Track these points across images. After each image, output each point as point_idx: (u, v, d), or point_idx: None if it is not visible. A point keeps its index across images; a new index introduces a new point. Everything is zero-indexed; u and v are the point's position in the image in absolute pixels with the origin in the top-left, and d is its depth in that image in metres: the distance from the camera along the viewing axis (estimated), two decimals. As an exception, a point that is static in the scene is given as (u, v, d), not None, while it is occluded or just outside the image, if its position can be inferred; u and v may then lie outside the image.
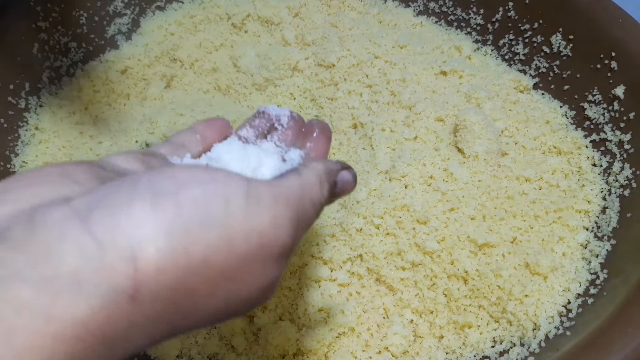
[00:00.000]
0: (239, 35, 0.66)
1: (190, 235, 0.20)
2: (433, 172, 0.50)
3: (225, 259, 0.21)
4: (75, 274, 0.18)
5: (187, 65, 0.64)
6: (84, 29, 0.63)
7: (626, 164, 0.49)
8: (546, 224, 0.48)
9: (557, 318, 0.43)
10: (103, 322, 0.18)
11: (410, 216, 0.47)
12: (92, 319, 0.18)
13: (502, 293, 0.44)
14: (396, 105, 0.57)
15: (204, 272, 0.20)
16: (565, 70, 0.58)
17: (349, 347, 0.44)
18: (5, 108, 0.54)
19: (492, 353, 0.44)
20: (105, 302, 0.18)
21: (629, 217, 0.47)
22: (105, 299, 0.18)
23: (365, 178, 0.53)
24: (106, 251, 0.18)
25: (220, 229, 0.20)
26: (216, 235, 0.20)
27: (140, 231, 0.19)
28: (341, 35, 0.63)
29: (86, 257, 0.18)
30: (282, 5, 0.66)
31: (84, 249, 0.18)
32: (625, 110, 0.51)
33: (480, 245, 0.45)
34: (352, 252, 0.47)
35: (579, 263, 0.46)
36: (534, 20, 0.60)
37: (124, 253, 0.19)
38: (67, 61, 0.61)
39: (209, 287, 0.21)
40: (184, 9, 0.68)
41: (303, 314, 0.46)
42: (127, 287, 0.18)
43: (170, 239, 0.19)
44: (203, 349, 0.46)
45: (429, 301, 0.46)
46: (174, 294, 0.20)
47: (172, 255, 0.19)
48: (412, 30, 0.66)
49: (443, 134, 0.54)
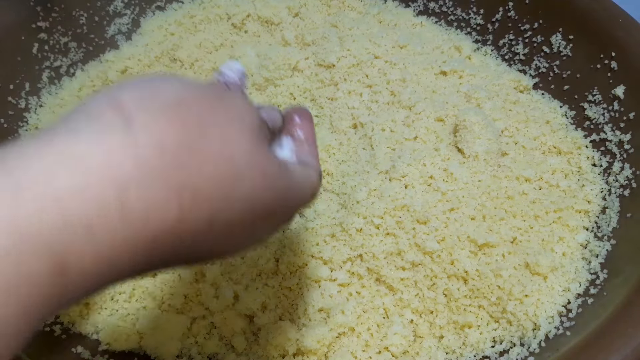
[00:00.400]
0: (239, 35, 0.66)
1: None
2: (433, 172, 0.50)
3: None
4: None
5: (187, 65, 0.64)
6: (84, 29, 0.63)
7: (626, 164, 0.49)
8: (546, 224, 0.48)
9: (557, 318, 0.43)
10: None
11: (410, 216, 0.47)
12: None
13: (502, 293, 0.44)
14: (396, 105, 0.57)
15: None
16: (565, 70, 0.58)
17: (349, 347, 0.44)
18: (5, 108, 0.54)
19: (492, 353, 0.44)
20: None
21: (629, 217, 0.47)
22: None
23: (365, 178, 0.53)
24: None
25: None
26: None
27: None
28: (341, 35, 0.63)
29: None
30: (282, 5, 0.66)
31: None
32: (625, 110, 0.51)
33: (480, 245, 0.45)
34: (352, 252, 0.47)
35: (579, 263, 0.46)
36: (534, 20, 0.60)
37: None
38: (67, 61, 0.61)
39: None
40: (184, 9, 0.68)
41: (303, 314, 0.46)
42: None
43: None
44: (203, 349, 0.46)
45: (429, 301, 0.46)
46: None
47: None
48: (412, 30, 0.66)
49: (443, 134, 0.54)
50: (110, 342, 0.45)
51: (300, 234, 0.50)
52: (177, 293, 0.47)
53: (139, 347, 0.45)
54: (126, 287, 0.47)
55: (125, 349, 0.45)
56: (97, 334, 0.46)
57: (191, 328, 0.47)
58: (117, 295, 0.47)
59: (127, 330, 0.45)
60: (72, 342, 0.44)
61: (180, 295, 0.47)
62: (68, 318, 0.46)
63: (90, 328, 0.46)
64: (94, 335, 0.46)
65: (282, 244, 0.50)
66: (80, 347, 0.44)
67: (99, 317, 0.46)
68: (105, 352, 0.45)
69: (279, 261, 0.49)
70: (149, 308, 0.47)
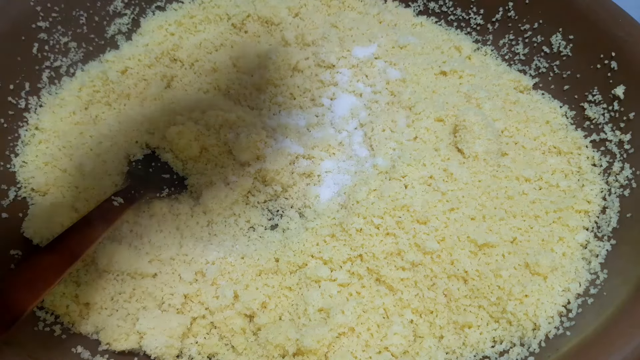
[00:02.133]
0: (239, 36, 0.66)
1: None
2: (433, 172, 0.50)
3: None
4: None
5: (187, 65, 0.64)
6: (84, 29, 0.63)
7: (626, 164, 0.50)
8: (546, 224, 0.48)
9: (557, 318, 0.43)
10: None
11: (410, 216, 0.47)
12: None
13: (502, 293, 0.44)
14: (396, 105, 0.57)
15: None
16: (565, 70, 0.58)
17: (349, 347, 0.44)
18: (5, 108, 0.54)
19: (492, 353, 0.44)
20: None
21: (629, 217, 0.47)
22: None
23: (365, 178, 0.53)
24: None
25: None
26: None
27: None
28: (341, 35, 0.63)
29: None
30: (282, 5, 0.66)
31: None
32: (625, 110, 0.51)
33: (480, 245, 0.45)
34: (352, 252, 0.47)
35: (579, 263, 0.46)
36: (534, 20, 0.60)
37: None
38: (67, 61, 0.61)
39: None
40: (184, 9, 0.68)
41: (303, 314, 0.46)
42: None
43: None
44: (203, 348, 0.46)
45: (429, 301, 0.46)
46: None
47: None
48: (412, 30, 0.66)
49: (443, 134, 0.54)
50: (110, 342, 0.45)
51: (300, 234, 0.50)
52: (177, 293, 0.47)
53: (139, 347, 0.45)
54: (126, 287, 0.47)
55: (125, 349, 0.45)
56: (97, 334, 0.46)
57: (191, 328, 0.47)
58: (117, 295, 0.47)
59: (127, 330, 0.45)
60: (72, 342, 0.44)
61: (180, 295, 0.47)
62: (68, 318, 0.46)
63: (90, 328, 0.46)
64: (94, 335, 0.46)
65: (282, 244, 0.50)
66: (80, 347, 0.44)
67: (99, 317, 0.46)
68: (105, 352, 0.45)
69: (279, 261, 0.49)
70: (149, 308, 0.47)
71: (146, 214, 0.52)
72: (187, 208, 0.53)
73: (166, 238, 0.50)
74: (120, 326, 0.46)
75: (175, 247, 0.49)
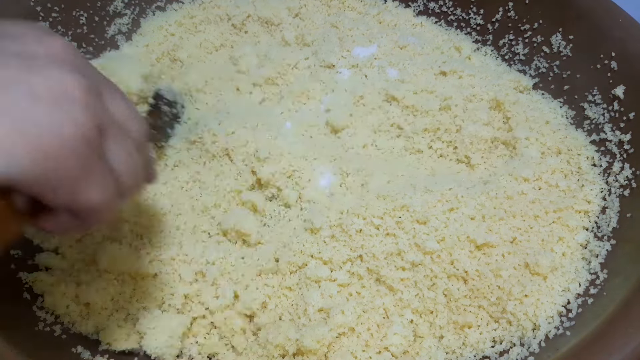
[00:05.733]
0: (239, 36, 0.66)
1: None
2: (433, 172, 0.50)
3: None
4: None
5: (187, 66, 0.64)
6: (84, 29, 0.63)
7: (626, 164, 0.49)
8: (546, 224, 0.48)
9: (557, 318, 0.43)
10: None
11: (410, 216, 0.47)
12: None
13: (502, 293, 0.44)
14: (396, 105, 0.57)
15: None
16: (565, 70, 0.58)
17: (349, 347, 0.44)
18: (6, 108, 0.55)
19: (492, 353, 0.44)
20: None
21: (629, 217, 0.47)
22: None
23: (364, 178, 0.53)
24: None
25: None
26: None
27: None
28: (341, 35, 0.63)
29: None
30: (282, 5, 0.66)
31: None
32: (625, 110, 0.51)
33: (480, 245, 0.45)
34: (352, 253, 0.47)
35: (578, 263, 0.46)
36: (534, 20, 0.60)
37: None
38: (67, 61, 0.61)
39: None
40: (184, 10, 0.68)
41: (303, 314, 0.46)
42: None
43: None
44: (203, 348, 0.46)
45: (429, 301, 0.46)
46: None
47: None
48: (412, 30, 0.66)
49: (443, 134, 0.54)
50: (110, 342, 0.45)
51: (300, 234, 0.50)
52: (177, 293, 0.47)
53: (139, 347, 0.45)
54: (126, 287, 0.47)
55: (125, 349, 0.45)
56: (97, 334, 0.46)
57: (191, 328, 0.47)
58: (117, 295, 0.47)
59: (127, 330, 0.46)
60: (72, 342, 0.44)
61: (181, 296, 0.47)
62: (68, 318, 0.46)
63: (90, 328, 0.46)
64: (94, 335, 0.46)
65: (282, 244, 0.50)
66: (80, 347, 0.44)
67: (99, 317, 0.46)
68: (105, 352, 0.45)
69: (279, 261, 0.49)
70: (149, 308, 0.47)
71: (146, 213, 0.52)
72: (187, 207, 0.53)
73: (166, 238, 0.50)
74: (121, 326, 0.46)
75: (175, 247, 0.49)
